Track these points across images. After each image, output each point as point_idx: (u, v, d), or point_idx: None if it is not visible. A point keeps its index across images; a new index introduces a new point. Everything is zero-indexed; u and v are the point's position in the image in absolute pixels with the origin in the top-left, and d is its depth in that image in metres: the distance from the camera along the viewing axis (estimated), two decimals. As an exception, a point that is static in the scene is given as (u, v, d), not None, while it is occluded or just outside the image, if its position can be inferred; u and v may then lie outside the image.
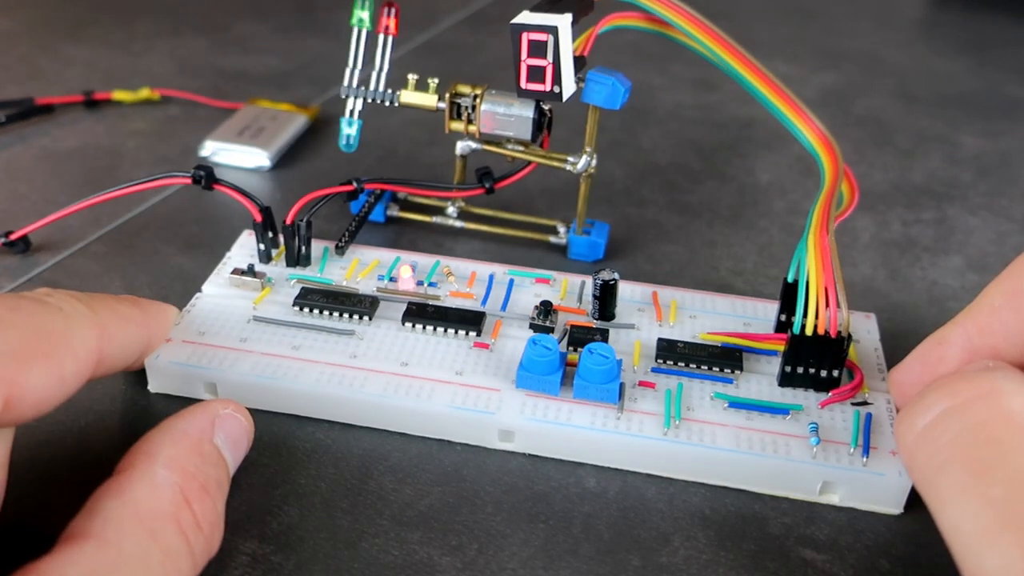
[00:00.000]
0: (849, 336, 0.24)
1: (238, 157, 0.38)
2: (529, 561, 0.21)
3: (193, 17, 0.55)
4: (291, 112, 0.41)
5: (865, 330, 0.28)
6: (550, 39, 0.26)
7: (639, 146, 0.42)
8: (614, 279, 0.27)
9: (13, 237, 0.31)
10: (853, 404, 0.25)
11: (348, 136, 0.32)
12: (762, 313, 0.28)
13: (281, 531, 0.22)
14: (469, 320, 0.27)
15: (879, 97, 0.48)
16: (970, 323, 0.22)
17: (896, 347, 0.27)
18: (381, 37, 0.31)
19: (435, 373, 0.25)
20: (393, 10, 0.30)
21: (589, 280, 0.29)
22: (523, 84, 0.28)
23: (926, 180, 0.40)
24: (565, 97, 0.28)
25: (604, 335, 0.27)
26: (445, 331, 0.27)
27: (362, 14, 0.30)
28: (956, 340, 0.22)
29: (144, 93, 0.43)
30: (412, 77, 0.31)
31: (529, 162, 0.31)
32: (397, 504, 0.23)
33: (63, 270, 0.31)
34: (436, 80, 0.31)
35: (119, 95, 0.43)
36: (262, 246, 0.29)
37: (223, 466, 0.21)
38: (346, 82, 0.31)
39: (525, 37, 0.27)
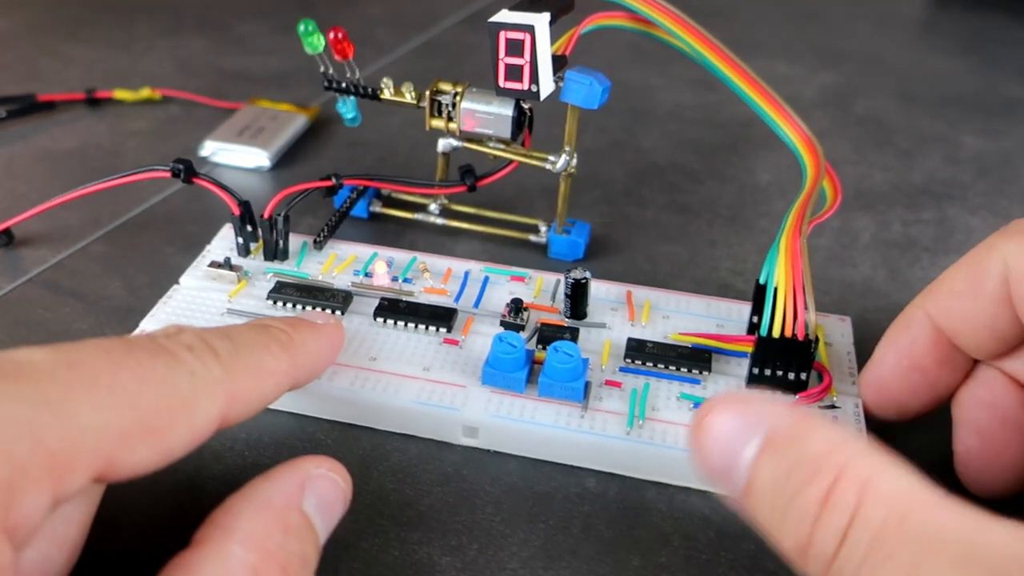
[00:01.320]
0: (816, 339, 0.24)
1: (238, 157, 0.38)
2: (529, 561, 0.21)
3: (193, 17, 0.55)
4: (291, 112, 0.41)
5: (839, 333, 0.28)
6: (527, 38, 0.27)
7: (639, 146, 0.42)
8: (585, 278, 0.27)
9: None
10: (820, 407, 0.25)
11: (351, 118, 0.33)
12: (736, 314, 0.28)
13: (281, 531, 0.22)
14: (440, 316, 0.27)
15: (879, 97, 0.48)
16: (931, 304, 0.23)
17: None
18: (344, 63, 0.31)
19: (403, 368, 0.25)
20: (340, 34, 0.30)
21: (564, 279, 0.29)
22: (501, 83, 0.28)
23: (926, 180, 0.40)
24: (543, 96, 0.28)
25: (575, 334, 0.27)
26: (416, 327, 0.27)
27: (313, 40, 0.30)
28: (922, 321, 0.23)
29: (145, 93, 0.43)
30: (387, 82, 0.31)
31: (511, 160, 0.31)
32: (397, 504, 0.23)
33: (63, 270, 0.31)
34: (412, 86, 0.31)
35: (120, 94, 0.43)
36: (240, 240, 0.29)
37: (311, 539, 0.19)
38: (324, 82, 0.32)
39: (503, 36, 0.27)
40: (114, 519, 0.21)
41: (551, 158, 0.31)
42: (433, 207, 0.34)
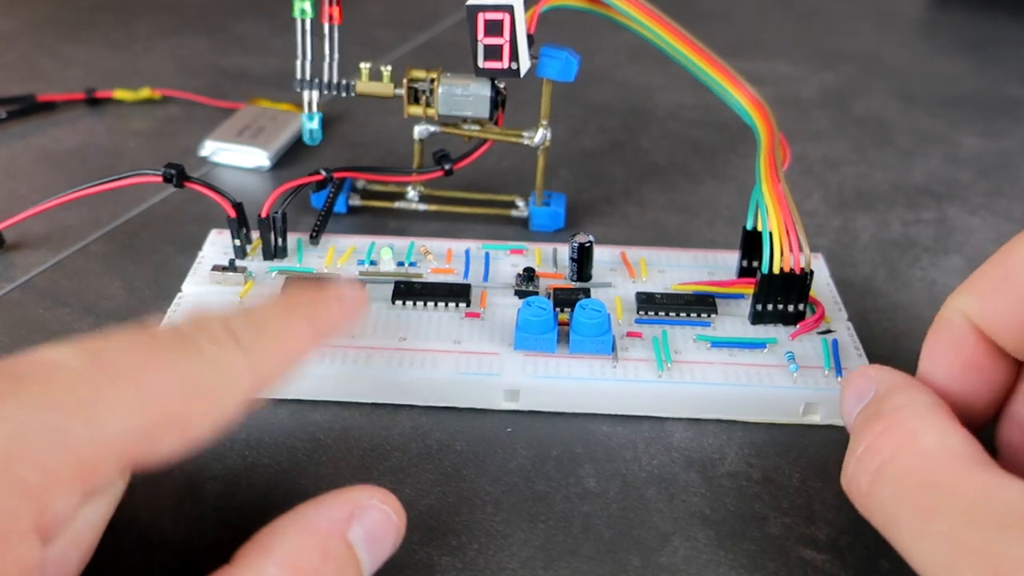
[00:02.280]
0: (811, 272, 0.27)
1: (238, 157, 0.38)
2: (529, 561, 0.21)
3: (193, 17, 0.55)
4: (291, 112, 0.41)
5: (816, 268, 0.30)
6: (507, 17, 0.28)
7: (639, 146, 0.42)
8: (590, 241, 0.29)
9: None
10: (819, 333, 0.27)
11: (311, 131, 0.33)
12: (722, 262, 0.31)
13: (281, 531, 0.22)
14: (457, 292, 0.28)
15: (879, 97, 0.48)
16: (964, 304, 0.22)
17: (896, 347, 0.27)
18: (327, 26, 0.31)
19: (434, 344, 0.26)
20: None
21: (560, 247, 0.31)
22: (481, 63, 0.29)
23: (926, 180, 0.40)
24: (522, 73, 0.29)
25: (586, 294, 0.28)
26: (436, 305, 0.28)
27: (303, 4, 0.30)
28: (960, 320, 0.22)
29: (145, 93, 0.43)
30: (364, 66, 0.32)
31: (485, 140, 0.33)
32: (397, 504, 0.23)
33: (63, 270, 0.31)
34: (389, 68, 0.32)
35: (120, 94, 0.43)
36: (237, 241, 0.29)
37: (353, 569, 0.18)
38: (298, 75, 0.32)
39: (481, 17, 0.28)
40: (113, 519, 0.21)
41: (526, 134, 0.32)
42: (412, 194, 0.35)
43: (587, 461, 0.24)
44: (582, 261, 0.29)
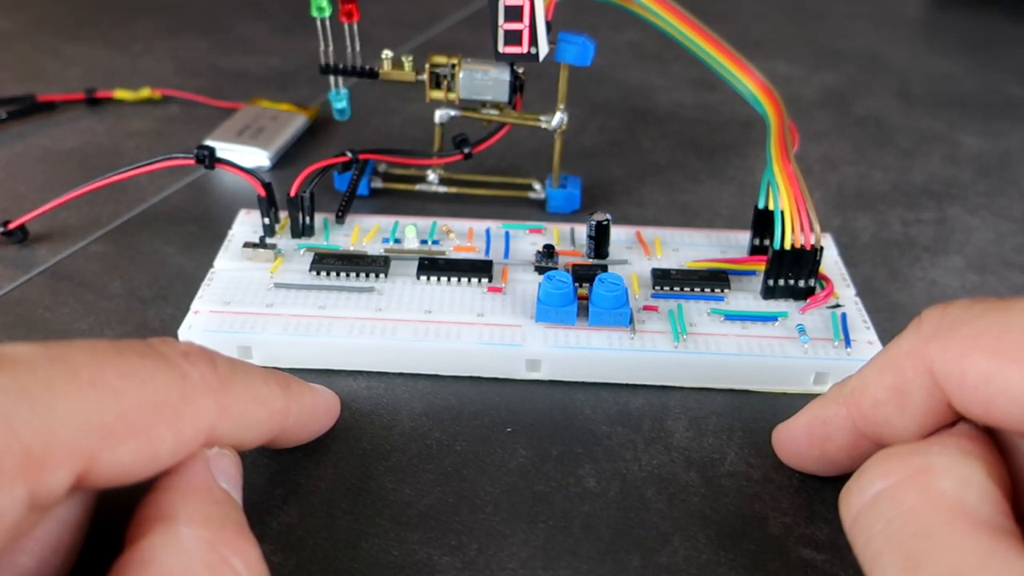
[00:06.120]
0: (821, 248, 0.27)
1: (238, 157, 0.38)
2: (529, 561, 0.21)
3: (193, 17, 0.55)
4: (291, 112, 0.41)
5: (825, 247, 0.30)
6: (527, 3, 0.29)
7: (639, 146, 0.42)
8: (607, 219, 0.30)
9: (11, 226, 0.32)
10: (828, 308, 0.28)
11: (340, 110, 0.34)
12: (734, 241, 0.32)
13: (281, 531, 0.22)
14: (479, 268, 0.29)
15: (879, 97, 0.48)
16: (853, 408, 0.21)
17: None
18: (347, 26, 0.32)
19: (458, 317, 0.27)
20: None
21: (578, 226, 0.32)
22: (501, 48, 0.30)
23: (926, 180, 0.40)
24: (541, 58, 0.30)
25: (603, 271, 0.29)
26: (459, 280, 0.29)
27: (322, 3, 0.31)
28: (841, 423, 0.21)
29: (145, 93, 0.43)
30: (387, 54, 0.33)
31: (503, 125, 0.33)
32: (397, 504, 0.23)
33: (63, 270, 0.31)
34: (411, 57, 0.33)
35: (120, 94, 0.43)
36: (267, 220, 0.30)
37: (238, 508, 0.19)
38: (322, 61, 0.33)
39: (502, 3, 0.29)
40: (108, 522, 0.21)
41: (543, 118, 0.33)
42: (432, 177, 0.36)
43: (587, 461, 0.24)
44: (600, 239, 0.30)
